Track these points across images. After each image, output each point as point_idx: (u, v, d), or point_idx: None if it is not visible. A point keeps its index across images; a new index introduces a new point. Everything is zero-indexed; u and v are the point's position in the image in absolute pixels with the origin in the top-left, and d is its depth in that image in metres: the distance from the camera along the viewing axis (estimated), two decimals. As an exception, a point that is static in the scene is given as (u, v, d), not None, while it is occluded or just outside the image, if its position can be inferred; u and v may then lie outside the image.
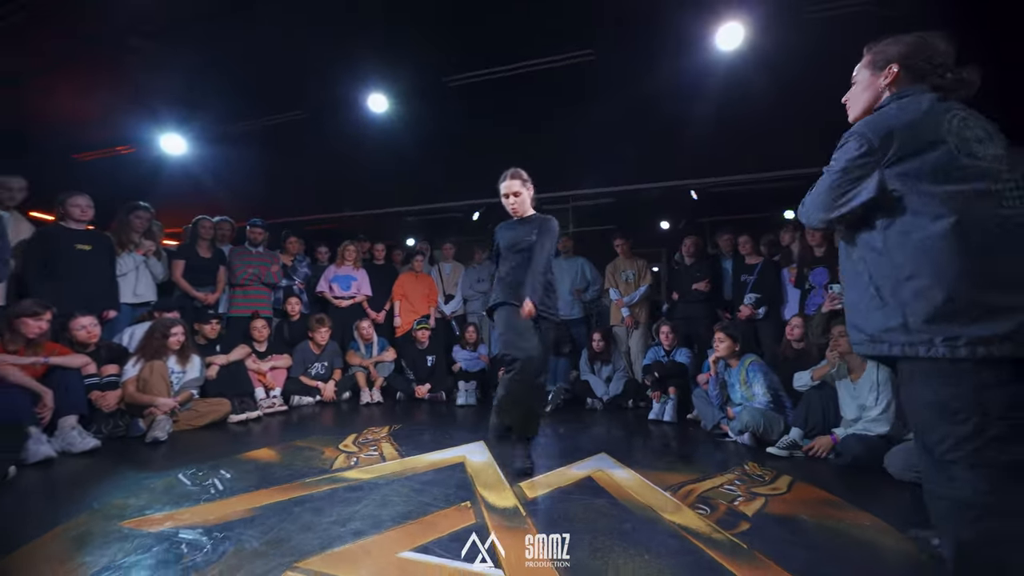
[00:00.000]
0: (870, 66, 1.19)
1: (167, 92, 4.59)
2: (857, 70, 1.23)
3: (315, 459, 2.35)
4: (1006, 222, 0.94)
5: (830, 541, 1.57)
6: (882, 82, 1.16)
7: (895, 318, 1.03)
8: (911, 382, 1.03)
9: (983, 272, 0.93)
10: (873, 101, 1.18)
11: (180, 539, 1.47)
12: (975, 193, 0.96)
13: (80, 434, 2.40)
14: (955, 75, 1.10)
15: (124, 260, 3.43)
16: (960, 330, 0.94)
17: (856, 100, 1.22)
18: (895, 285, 1.03)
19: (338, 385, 4.01)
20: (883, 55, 1.17)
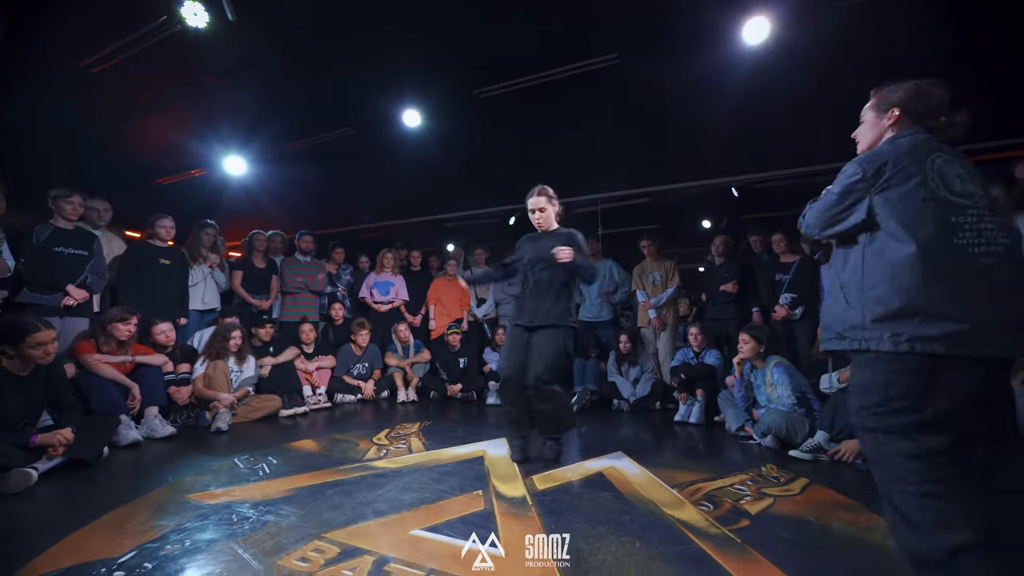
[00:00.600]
0: (875, 108, 1.35)
1: (230, 119, 5.16)
2: (864, 111, 1.39)
3: (351, 450, 2.60)
4: (964, 250, 1.10)
5: (832, 542, 1.57)
6: (885, 123, 1.32)
7: (856, 318, 1.18)
8: (863, 370, 1.18)
9: (933, 288, 1.09)
10: (877, 139, 1.34)
11: (232, 511, 1.74)
12: (941, 225, 1.11)
13: (161, 422, 2.81)
14: (948, 119, 1.26)
15: (194, 272, 3.92)
16: (904, 329, 1.09)
17: (863, 137, 1.39)
18: (859, 292, 1.19)
19: (377, 384, 4.31)
20: (887, 100, 1.32)
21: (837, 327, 1.23)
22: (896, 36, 3.23)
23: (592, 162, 5.14)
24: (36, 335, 2.08)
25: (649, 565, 1.39)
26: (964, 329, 1.05)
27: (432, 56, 4.17)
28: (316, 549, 1.45)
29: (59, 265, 2.92)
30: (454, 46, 4.04)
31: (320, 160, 5.49)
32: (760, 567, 1.39)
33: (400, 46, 4.01)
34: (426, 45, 4.02)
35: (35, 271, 2.84)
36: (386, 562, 1.38)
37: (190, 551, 1.43)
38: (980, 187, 1.15)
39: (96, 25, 3.73)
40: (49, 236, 2.93)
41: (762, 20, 3.51)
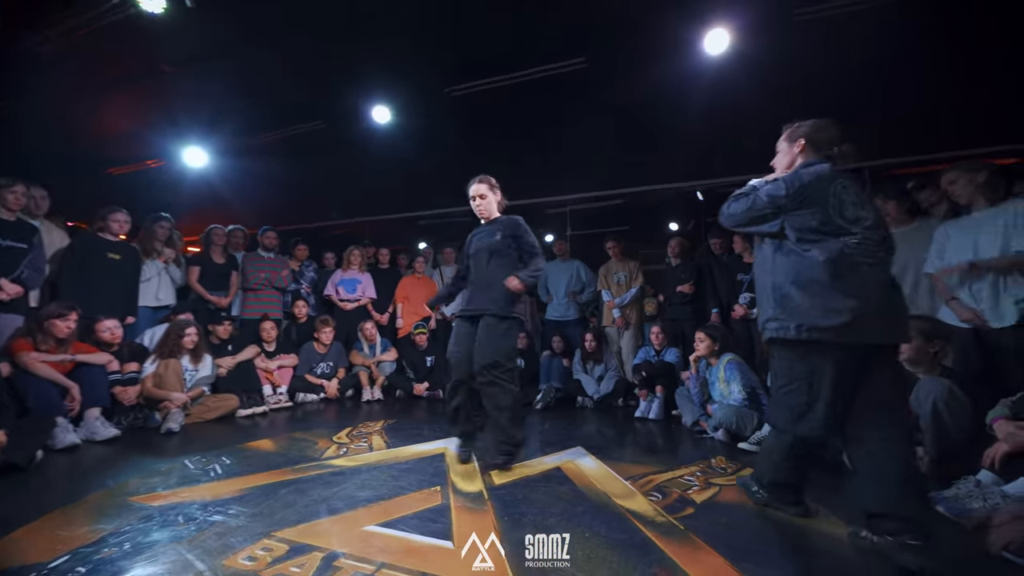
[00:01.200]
0: (787, 140, 1.70)
1: (190, 109, 4.96)
2: (779, 142, 1.74)
3: (309, 449, 2.55)
4: (850, 260, 1.46)
5: (764, 526, 1.66)
6: (795, 151, 1.67)
7: (773, 310, 1.57)
8: (778, 355, 1.61)
9: (828, 289, 1.46)
10: (790, 164, 1.69)
11: (178, 512, 1.68)
12: (836, 241, 1.48)
13: (103, 424, 2.67)
14: (839, 149, 1.63)
15: (148, 267, 3.74)
16: (804, 321, 1.49)
17: (779, 163, 1.74)
18: (774, 288, 1.57)
19: (341, 383, 4.24)
20: (795, 133, 1.68)
21: (761, 319, 1.63)
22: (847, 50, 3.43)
23: (561, 163, 5.23)
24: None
25: (595, 552, 1.44)
26: (847, 321, 1.42)
27: (403, 53, 4.14)
28: (264, 548, 1.43)
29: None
30: (426, 43, 4.02)
31: (285, 154, 5.35)
32: (699, 551, 1.46)
33: (371, 41, 3.96)
34: (397, 41, 3.99)
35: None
36: (336, 557, 1.37)
37: (129, 554, 1.38)
38: (868, 211, 1.52)
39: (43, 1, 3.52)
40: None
41: (721, 32, 3.67)
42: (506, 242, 2.36)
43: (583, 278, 4.81)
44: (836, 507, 1.77)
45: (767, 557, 1.44)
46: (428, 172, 5.44)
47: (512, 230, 2.38)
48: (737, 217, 1.66)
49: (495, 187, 2.49)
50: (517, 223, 2.41)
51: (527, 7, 3.62)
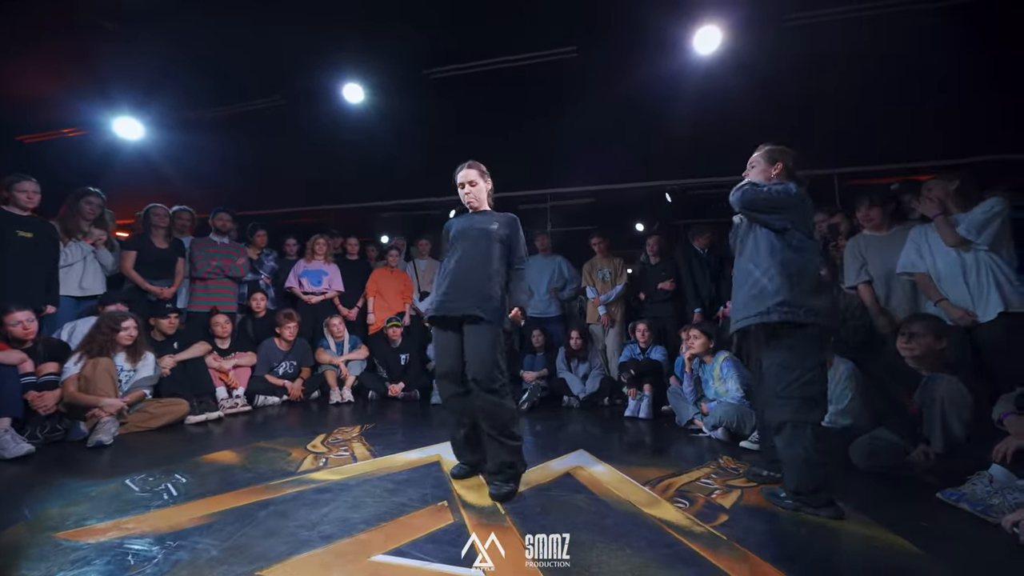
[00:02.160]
0: (765, 160, 1.94)
1: (122, 74, 4.31)
2: (754, 159, 1.98)
3: (280, 461, 2.22)
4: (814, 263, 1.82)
5: (802, 531, 1.59)
6: (772, 172, 1.92)
7: (784, 295, 1.72)
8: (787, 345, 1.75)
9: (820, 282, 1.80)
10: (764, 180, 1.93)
11: (126, 549, 1.34)
12: (816, 243, 1.87)
13: (13, 438, 2.18)
14: (803, 175, 1.92)
15: (71, 250, 3.18)
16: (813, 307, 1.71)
17: (756, 177, 1.94)
18: (786, 276, 1.74)
19: (306, 384, 3.84)
20: (772, 155, 1.93)
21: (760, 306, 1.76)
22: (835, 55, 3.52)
23: (545, 157, 5.07)
24: None
25: (646, 571, 1.28)
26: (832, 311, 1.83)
27: (380, 27, 3.80)
28: (250, 592, 1.14)
29: None
30: (405, 18, 3.71)
31: (242, 132, 4.80)
32: (751, 563, 1.34)
33: (344, 10, 3.60)
34: (373, 13, 3.65)
35: None
36: (346, 600, 1.12)
37: (62, 613, 1.05)
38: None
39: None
40: None
41: (713, 29, 3.66)
42: (500, 236, 2.04)
43: (565, 274, 4.70)
44: (865, 508, 1.73)
45: (815, 563, 1.35)
46: (402, 159, 5.09)
47: (509, 229, 2.07)
48: (747, 203, 1.81)
49: (485, 174, 2.15)
50: (515, 224, 2.11)
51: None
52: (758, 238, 1.83)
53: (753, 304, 1.77)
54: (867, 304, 2.81)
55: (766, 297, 1.74)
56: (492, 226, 2.05)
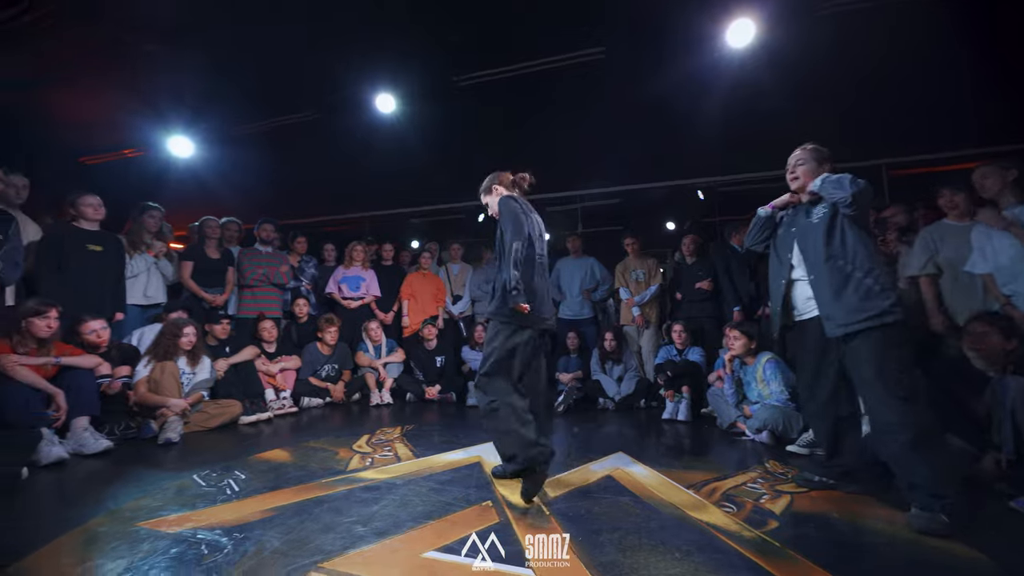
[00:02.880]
0: (816, 160, 1.90)
1: (175, 95, 4.61)
2: (800, 157, 1.94)
3: (329, 460, 2.32)
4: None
5: (862, 537, 1.53)
6: (823, 170, 1.88)
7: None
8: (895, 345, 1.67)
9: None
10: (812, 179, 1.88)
11: (199, 540, 1.44)
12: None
13: (93, 435, 2.38)
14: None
15: (136, 262, 3.42)
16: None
17: (805, 176, 1.91)
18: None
19: (348, 386, 3.99)
20: (821, 155, 1.91)
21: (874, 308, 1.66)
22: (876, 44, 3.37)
23: (574, 158, 5.07)
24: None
25: (696, 575, 1.27)
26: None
27: (409, 38, 3.91)
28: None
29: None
30: (433, 28, 3.80)
31: (281, 144, 5.04)
32: (805, 569, 1.31)
33: (374, 25, 3.72)
34: (402, 26, 3.76)
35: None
36: (404, 594, 1.17)
37: (150, 596, 1.15)
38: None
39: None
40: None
41: (746, 22, 3.56)
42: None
43: (597, 275, 4.67)
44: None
45: (872, 571, 1.30)
46: (433, 165, 5.21)
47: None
48: (867, 195, 1.72)
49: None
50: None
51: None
52: (847, 235, 1.75)
53: (863, 306, 1.67)
54: (926, 299, 2.65)
55: (875, 298, 1.67)
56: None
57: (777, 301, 1.98)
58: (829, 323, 1.76)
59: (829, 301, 1.75)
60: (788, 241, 1.96)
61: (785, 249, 1.97)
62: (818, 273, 1.79)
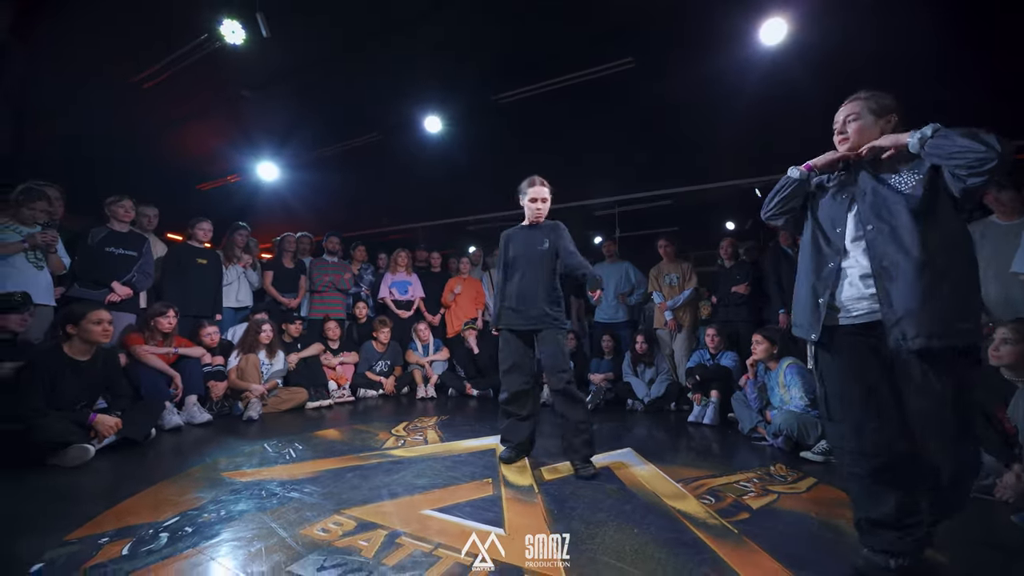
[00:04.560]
0: (873, 112, 1.41)
1: (265, 128, 5.47)
2: (853, 111, 1.43)
3: (370, 439, 2.75)
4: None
5: (829, 537, 1.59)
6: (885, 126, 1.40)
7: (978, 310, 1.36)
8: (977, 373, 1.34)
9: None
10: (871, 137, 1.40)
11: (262, 487, 1.89)
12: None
13: (199, 410, 3.04)
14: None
15: (229, 272, 4.18)
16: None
17: (861, 135, 1.41)
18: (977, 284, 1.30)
19: (398, 381, 4.48)
20: (882, 105, 1.41)
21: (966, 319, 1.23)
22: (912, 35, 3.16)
23: (609, 165, 5.19)
24: (94, 313, 2.34)
25: (643, 549, 1.45)
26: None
27: (452, 64, 4.32)
28: (335, 522, 1.58)
29: (109, 264, 3.19)
30: (473, 54, 4.18)
31: (345, 165, 5.74)
32: (753, 554, 1.43)
33: (421, 55, 4.18)
34: (446, 54, 4.18)
35: (87, 269, 3.12)
36: (398, 535, 1.50)
37: (224, 519, 1.59)
38: None
39: (144, 42, 4.05)
40: (103, 238, 3.21)
41: (779, 21, 3.50)
42: (551, 251, 2.33)
43: (632, 279, 4.75)
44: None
45: (826, 567, 1.38)
46: (478, 178, 5.62)
47: (553, 237, 2.34)
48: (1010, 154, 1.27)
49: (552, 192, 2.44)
50: (558, 229, 2.37)
51: (570, 9, 3.65)
52: (950, 217, 1.27)
53: (961, 318, 1.22)
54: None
55: (969, 312, 1.25)
56: (544, 246, 2.35)
57: (824, 291, 1.39)
58: (902, 330, 1.25)
59: (913, 303, 1.24)
60: (839, 214, 1.42)
61: (834, 224, 1.43)
62: (897, 262, 1.27)
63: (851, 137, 1.42)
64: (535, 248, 2.36)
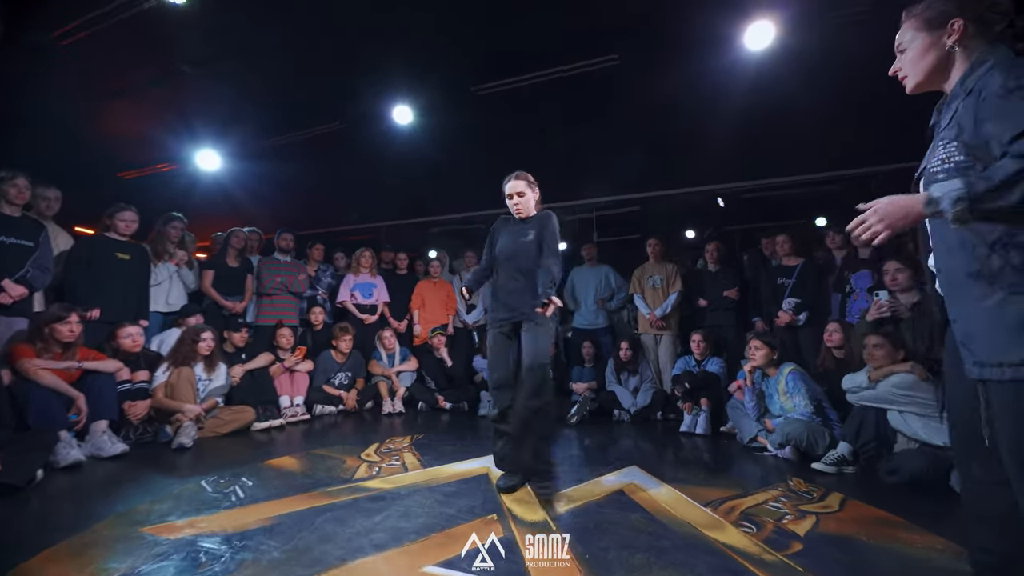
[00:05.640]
0: (924, 26, 1.03)
1: (204, 112, 4.80)
2: (904, 36, 1.07)
3: (337, 468, 2.30)
4: None
5: (895, 564, 1.41)
6: (948, 40, 1.00)
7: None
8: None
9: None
10: (937, 65, 1.02)
11: (199, 547, 1.43)
12: None
13: (110, 439, 2.43)
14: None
15: (159, 270, 3.53)
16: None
17: (914, 68, 1.05)
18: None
19: (360, 395, 3.99)
20: (937, 11, 1.01)
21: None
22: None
23: (590, 166, 5.03)
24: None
25: (710, 603, 1.18)
26: None
27: (427, 50, 3.98)
28: (308, 595, 1.18)
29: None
30: (452, 40, 3.86)
31: (301, 156, 5.17)
32: (834, 601, 1.21)
33: (394, 39, 3.80)
34: (422, 39, 3.83)
35: (-35, 262, 2.45)
36: (398, 610, 1.13)
37: (145, 603, 1.14)
38: None
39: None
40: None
41: (766, 24, 3.48)
42: (536, 243, 2.13)
43: (612, 284, 4.59)
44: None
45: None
46: (451, 175, 5.26)
47: (539, 228, 2.14)
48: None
49: (533, 184, 2.25)
50: (546, 219, 2.17)
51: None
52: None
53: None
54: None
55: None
56: (527, 238, 2.15)
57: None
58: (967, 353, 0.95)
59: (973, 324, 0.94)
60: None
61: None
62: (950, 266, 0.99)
63: (907, 72, 1.08)
64: (519, 240, 2.16)
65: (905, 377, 2.26)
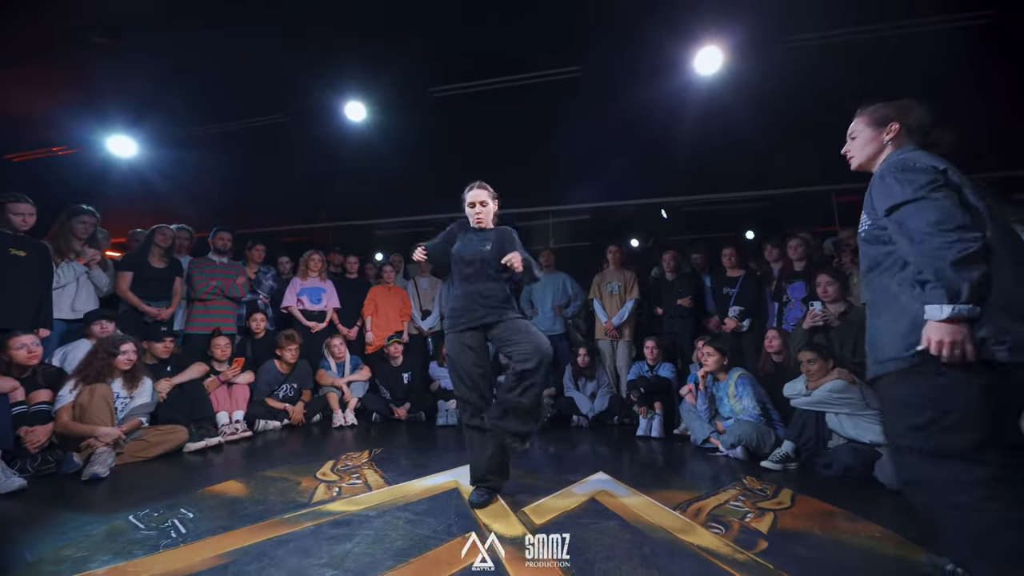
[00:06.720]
0: (872, 124, 1.37)
1: (117, 91, 4.24)
2: (856, 127, 1.41)
3: (291, 491, 2.11)
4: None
5: (848, 555, 1.54)
6: (885, 137, 1.34)
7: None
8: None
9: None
10: (876, 153, 1.36)
11: (138, 597, 1.23)
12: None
13: (3, 471, 2.04)
14: (937, 134, 1.33)
15: (63, 270, 3.06)
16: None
17: (860, 152, 1.40)
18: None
19: (308, 407, 3.72)
20: (882, 115, 1.35)
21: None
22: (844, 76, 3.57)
23: (547, 173, 5.10)
24: None
25: (699, 609, 1.22)
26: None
27: (384, 47, 3.82)
28: (281, 644, 1.05)
29: None
30: (411, 38, 3.73)
31: (239, 148, 4.74)
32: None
33: (347, 30, 3.61)
34: (377, 34, 3.67)
35: None
36: (388, 651, 1.04)
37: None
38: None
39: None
40: None
41: (714, 50, 3.74)
42: (494, 255, 2.10)
43: (569, 291, 4.67)
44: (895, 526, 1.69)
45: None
46: (404, 176, 5.08)
47: (496, 243, 2.12)
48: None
49: (494, 196, 2.25)
50: (505, 234, 2.17)
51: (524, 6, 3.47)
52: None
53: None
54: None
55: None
56: (487, 247, 2.12)
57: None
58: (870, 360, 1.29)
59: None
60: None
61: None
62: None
63: (854, 155, 1.42)
64: (478, 248, 2.13)
65: (836, 382, 2.52)
